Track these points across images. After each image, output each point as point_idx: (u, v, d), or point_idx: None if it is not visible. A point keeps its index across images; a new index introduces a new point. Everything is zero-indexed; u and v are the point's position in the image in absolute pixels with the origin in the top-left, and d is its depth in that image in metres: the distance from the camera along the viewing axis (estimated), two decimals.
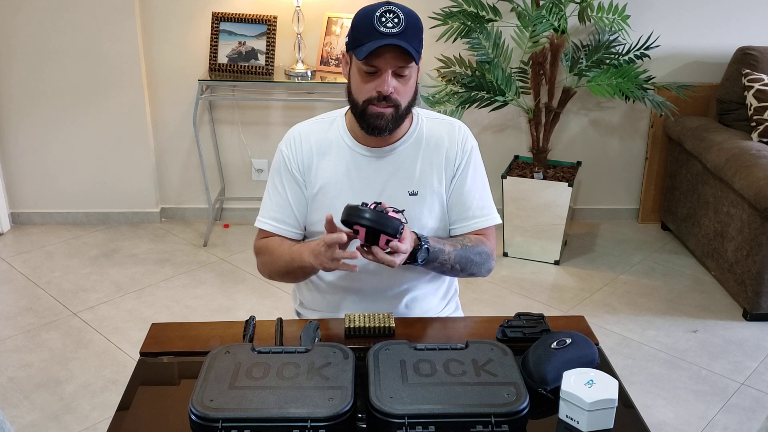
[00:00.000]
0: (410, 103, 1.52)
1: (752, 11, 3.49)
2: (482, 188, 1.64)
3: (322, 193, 1.59)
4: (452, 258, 1.53)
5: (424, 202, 1.58)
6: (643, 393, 2.46)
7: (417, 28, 1.47)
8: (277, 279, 1.66)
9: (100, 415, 2.33)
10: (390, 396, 1.17)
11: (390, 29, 1.41)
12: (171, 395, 1.32)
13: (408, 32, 1.43)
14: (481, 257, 1.58)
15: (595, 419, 1.16)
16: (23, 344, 2.70)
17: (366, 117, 1.49)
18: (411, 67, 1.48)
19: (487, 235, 1.63)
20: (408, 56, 1.44)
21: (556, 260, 3.39)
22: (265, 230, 1.63)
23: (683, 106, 3.45)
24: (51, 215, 3.75)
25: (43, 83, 3.49)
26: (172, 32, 3.48)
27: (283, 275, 1.62)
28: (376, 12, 1.42)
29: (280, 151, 1.62)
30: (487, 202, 1.64)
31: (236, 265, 3.34)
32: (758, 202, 2.72)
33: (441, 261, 1.51)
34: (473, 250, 1.57)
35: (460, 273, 1.58)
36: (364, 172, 1.58)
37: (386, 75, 1.45)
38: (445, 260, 1.52)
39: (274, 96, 3.61)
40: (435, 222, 1.60)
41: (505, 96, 3.15)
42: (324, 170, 1.58)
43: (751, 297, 2.87)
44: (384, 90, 1.45)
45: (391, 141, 1.58)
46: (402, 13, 1.43)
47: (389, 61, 1.44)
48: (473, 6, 3.17)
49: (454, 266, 1.54)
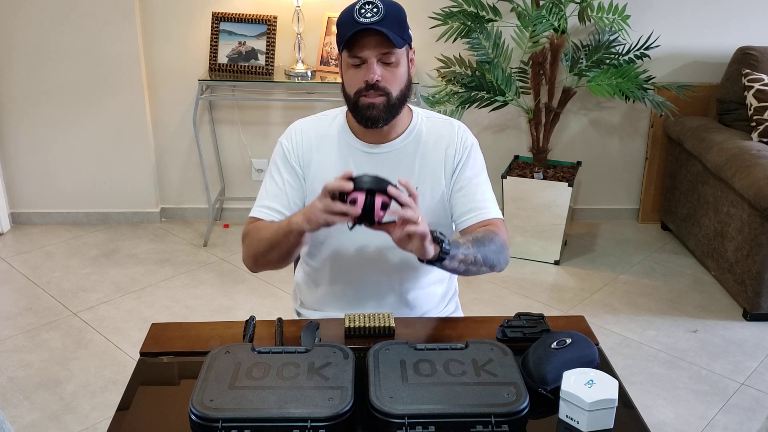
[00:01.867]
0: (403, 92, 1.52)
1: (752, 11, 3.49)
2: (485, 183, 1.63)
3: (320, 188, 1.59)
4: (471, 252, 1.45)
5: (423, 199, 1.59)
6: (643, 393, 2.46)
7: (397, 15, 1.48)
8: (260, 263, 1.57)
9: (100, 415, 2.33)
10: (390, 396, 1.17)
11: (369, 18, 1.44)
12: (171, 395, 1.32)
13: (388, 19, 1.44)
14: (496, 246, 1.52)
15: (595, 419, 1.16)
16: (23, 344, 2.70)
17: (359, 109, 1.50)
18: (396, 54, 1.48)
19: (497, 226, 1.58)
20: (389, 42, 1.45)
21: (556, 260, 3.39)
22: (255, 217, 1.60)
23: (683, 106, 3.45)
24: (51, 215, 3.75)
25: (43, 83, 3.49)
26: (172, 32, 3.48)
27: (266, 252, 1.52)
28: (356, 6, 1.46)
29: (281, 144, 1.62)
30: (490, 195, 1.62)
31: (236, 265, 3.34)
32: (758, 202, 2.72)
33: (463, 254, 1.42)
34: (487, 240, 1.50)
35: (483, 267, 1.48)
36: (364, 169, 1.58)
37: (371, 63, 1.47)
38: (465, 254, 1.43)
39: (274, 96, 3.61)
40: (434, 219, 1.61)
41: (505, 96, 3.15)
42: (323, 165, 1.59)
43: (751, 297, 2.87)
44: (370, 78, 1.46)
45: (390, 138, 1.58)
46: (381, 3, 1.45)
47: (372, 49, 1.46)
48: (473, 6, 3.17)
49: (476, 258, 1.46)
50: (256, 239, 1.54)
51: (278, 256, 1.52)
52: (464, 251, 1.43)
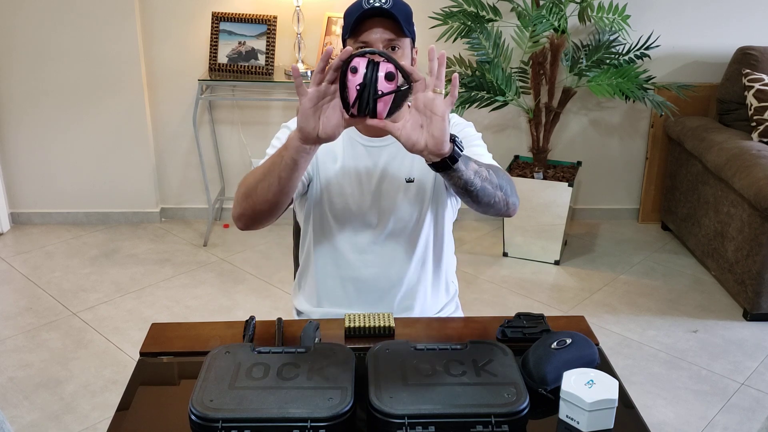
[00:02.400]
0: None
1: (752, 11, 3.49)
2: (481, 147, 1.61)
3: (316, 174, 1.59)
4: (483, 170, 1.35)
5: (421, 187, 1.59)
6: (643, 393, 2.46)
7: (405, 7, 1.48)
8: (250, 203, 1.39)
9: (100, 415, 2.33)
10: (390, 396, 1.17)
11: (376, 3, 1.43)
12: (171, 395, 1.31)
13: (397, 6, 1.44)
14: (508, 180, 1.43)
15: (595, 419, 1.16)
16: (23, 344, 2.70)
17: None
18: (401, 43, 1.47)
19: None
20: (396, 28, 1.44)
21: (557, 260, 3.39)
22: None
23: (683, 106, 3.45)
24: (51, 215, 3.75)
25: (43, 83, 3.49)
26: (172, 32, 3.48)
27: (257, 184, 1.36)
28: None
29: (287, 127, 1.61)
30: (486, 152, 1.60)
31: (236, 265, 3.34)
32: (758, 202, 2.72)
33: (475, 168, 1.32)
34: (499, 172, 1.43)
35: (498, 189, 1.38)
36: (363, 161, 1.59)
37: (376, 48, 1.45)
38: (476, 170, 1.32)
39: (274, 96, 3.61)
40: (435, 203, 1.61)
41: (505, 96, 3.15)
42: (322, 153, 1.59)
43: (751, 297, 2.87)
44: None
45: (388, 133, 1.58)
46: None
47: (379, 35, 1.44)
48: (473, 6, 3.17)
49: (489, 176, 1.36)
50: (249, 175, 1.42)
51: (268, 187, 1.34)
52: (476, 164, 1.35)
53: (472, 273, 3.27)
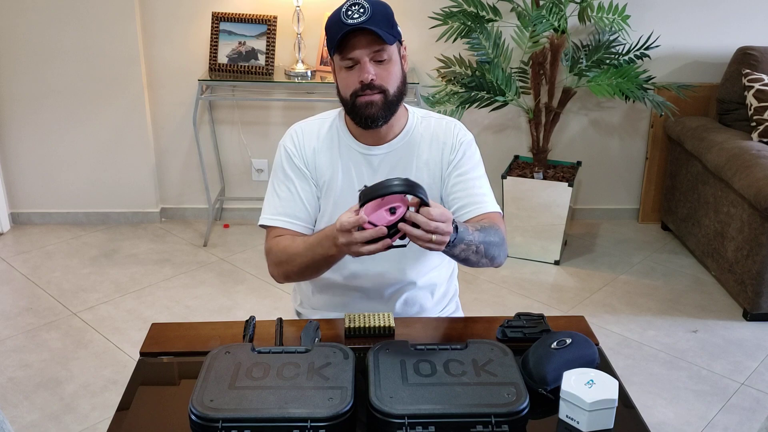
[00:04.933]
0: (399, 88, 1.52)
1: (752, 11, 3.48)
2: (482, 178, 1.62)
3: (323, 191, 1.59)
4: (476, 238, 1.42)
5: None
6: (643, 393, 2.46)
7: (384, 12, 1.48)
8: (294, 279, 1.59)
9: (100, 415, 2.33)
10: (390, 396, 1.17)
11: (356, 19, 1.43)
12: (171, 395, 1.32)
13: (376, 17, 1.44)
14: (498, 239, 1.50)
15: (595, 419, 1.16)
16: (23, 344, 2.70)
17: (357, 109, 1.50)
18: (388, 51, 1.48)
19: (496, 220, 1.57)
20: (380, 40, 1.45)
21: (556, 260, 3.39)
22: (275, 227, 1.58)
23: (683, 106, 3.45)
24: (51, 215, 3.75)
25: (44, 83, 3.49)
26: (172, 32, 3.48)
27: (302, 272, 1.52)
28: (342, 8, 1.46)
29: (284, 147, 1.61)
30: (488, 190, 1.62)
31: (236, 265, 3.34)
32: (758, 202, 2.72)
33: (467, 242, 1.40)
34: (490, 231, 1.49)
35: (483, 258, 1.46)
36: (363, 170, 1.59)
37: (364, 63, 1.47)
38: (470, 241, 1.41)
39: (274, 96, 3.61)
40: None
41: (505, 96, 3.15)
42: (324, 167, 1.59)
43: (751, 297, 2.87)
44: (365, 78, 1.46)
45: (388, 139, 1.58)
46: (366, 2, 1.45)
47: (363, 48, 1.46)
48: (473, 6, 3.17)
49: (479, 248, 1.44)
50: (286, 260, 1.52)
51: (316, 273, 1.55)
52: (469, 237, 1.40)
53: (472, 273, 3.27)
